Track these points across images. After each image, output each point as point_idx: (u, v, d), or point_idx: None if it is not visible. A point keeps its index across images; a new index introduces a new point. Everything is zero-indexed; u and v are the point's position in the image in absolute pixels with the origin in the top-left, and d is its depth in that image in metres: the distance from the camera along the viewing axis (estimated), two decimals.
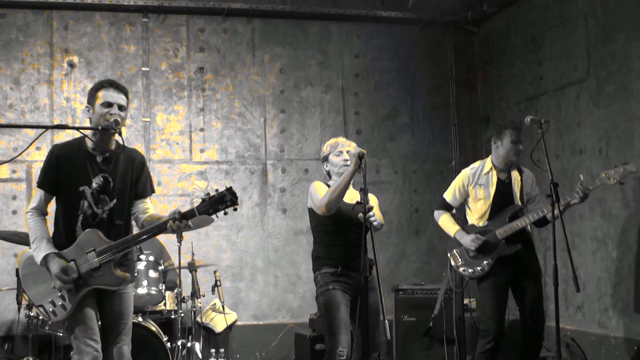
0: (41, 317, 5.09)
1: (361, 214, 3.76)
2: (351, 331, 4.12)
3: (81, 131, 3.67)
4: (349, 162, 4.12)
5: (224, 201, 3.46)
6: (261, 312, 6.68)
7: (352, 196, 4.19)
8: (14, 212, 6.23)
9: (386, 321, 3.58)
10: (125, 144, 3.66)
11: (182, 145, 6.66)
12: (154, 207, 3.86)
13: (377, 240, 3.84)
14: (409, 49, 7.21)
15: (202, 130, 6.71)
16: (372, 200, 4.28)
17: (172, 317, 5.47)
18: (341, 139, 4.35)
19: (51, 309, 3.63)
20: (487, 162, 4.90)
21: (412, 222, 7.06)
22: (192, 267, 5.50)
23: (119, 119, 3.60)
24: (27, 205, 3.83)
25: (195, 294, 5.45)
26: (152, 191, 3.87)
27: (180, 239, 5.27)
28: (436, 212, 5.08)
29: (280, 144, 6.87)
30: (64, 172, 3.64)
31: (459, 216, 5.11)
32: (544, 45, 6.23)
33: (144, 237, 3.58)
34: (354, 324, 4.11)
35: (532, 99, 6.41)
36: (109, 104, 3.62)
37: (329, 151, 4.31)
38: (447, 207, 5.03)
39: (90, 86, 3.84)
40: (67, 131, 5.96)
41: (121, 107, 3.66)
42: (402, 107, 7.17)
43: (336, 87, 7.04)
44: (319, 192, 4.17)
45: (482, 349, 4.74)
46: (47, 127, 4.01)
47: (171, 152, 6.64)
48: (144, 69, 6.64)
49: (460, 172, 5.06)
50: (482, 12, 6.99)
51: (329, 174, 4.35)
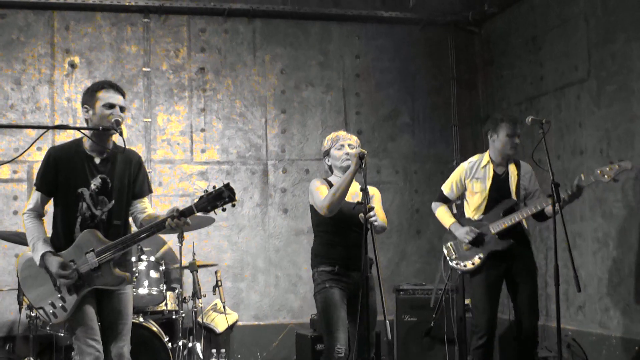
0: (39, 318, 5.09)
1: (362, 214, 3.75)
2: (349, 329, 4.12)
3: (82, 131, 3.68)
4: (350, 156, 4.07)
5: (222, 197, 3.45)
6: (262, 312, 6.68)
7: (354, 191, 4.13)
8: (15, 213, 6.23)
9: (387, 321, 3.57)
10: (125, 144, 3.67)
11: (183, 145, 6.67)
12: (154, 207, 3.87)
13: (377, 240, 3.83)
14: (410, 49, 7.21)
15: (203, 130, 6.71)
16: (375, 195, 4.27)
17: (173, 317, 5.48)
18: (342, 133, 4.30)
19: (51, 311, 3.63)
20: (485, 156, 4.89)
21: (412, 223, 7.07)
22: (193, 268, 5.49)
23: (120, 119, 3.63)
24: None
25: (196, 294, 5.45)
26: (150, 191, 3.89)
27: (181, 239, 5.28)
28: (434, 204, 5.09)
29: (281, 144, 6.87)
30: (62, 174, 3.65)
31: (459, 214, 5.10)
32: (545, 45, 6.23)
33: (143, 235, 3.58)
34: (351, 322, 4.12)
35: (532, 99, 6.41)
36: (111, 105, 3.64)
37: (330, 145, 4.27)
38: (444, 200, 5.04)
39: None
40: (68, 131, 5.97)
41: (122, 109, 3.69)
42: (403, 108, 7.17)
43: (337, 87, 7.04)
44: (320, 192, 4.15)
45: (475, 344, 4.74)
46: (48, 128, 4.02)
47: (172, 153, 6.64)
48: (145, 69, 6.64)
49: None
50: (482, 12, 6.99)
51: (330, 168, 4.32)
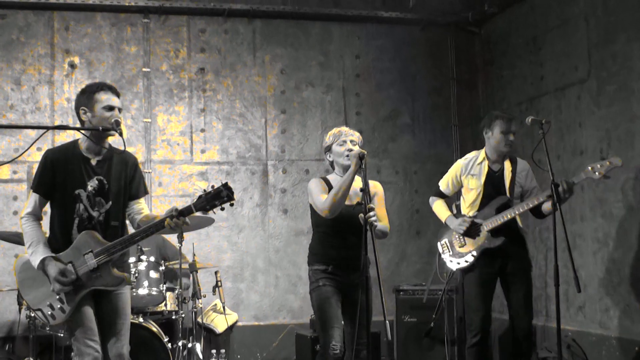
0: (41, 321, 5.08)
1: (362, 214, 3.74)
2: (344, 328, 4.12)
3: (82, 132, 3.71)
4: (350, 157, 4.02)
5: (221, 197, 3.47)
6: (262, 312, 6.68)
7: (355, 185, 4.08)
8: (15, 213, 6.23)
9: (387, 322, 3.57)
10: (125, 145, 3.72)
11: (183, 146, 6.66)
12: (154, 207, 3.88)
13: (378, 240, 3.83)
14: (410, 49, 7.21)
15: (203, 130, 6.71)
16: (377, 193, 4.22)
17: (173, 317, 5.47)
18: (344, 128, 4.23)
19: (50, 313, 3.64)
20: (481, 153, 4.88)
21: (413, 223, 7.06)
22: (193, 268, 5.50)
23: (120, 120, 3.69)
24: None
25: (196, 295, 5.45)
26: (146, 192, 3.92)
27: (181, 239, 5.28)
28: (431, 199, 5.10)
29: (281, 145, 6.87)
30: (60, 176, 3.67)
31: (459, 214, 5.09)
32: (545, 45, 6.22)
33: (142, 235, 3.59)
34: (346, 321, 4.12)
35: (533, 100, 6.40)
36: (110, 108, 3.69)
37: (332, 141, 4.21)
38: (441, 195, 5.05)
39: None
40: (68, 132, 5.97)
41: (120, 110, 3.75)
42: (403, 108, 7.16)
43: (337, 87, 7.03)
44: (319, 193, 4.11)
45: (469, 342, 4.73)
46: (48, 128, 4.02)
47: (172, 153, 6.64)
48: (144, 69, 6.64)
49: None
50: (483, 12, 6.98)
51: (332, 164, 4.26)
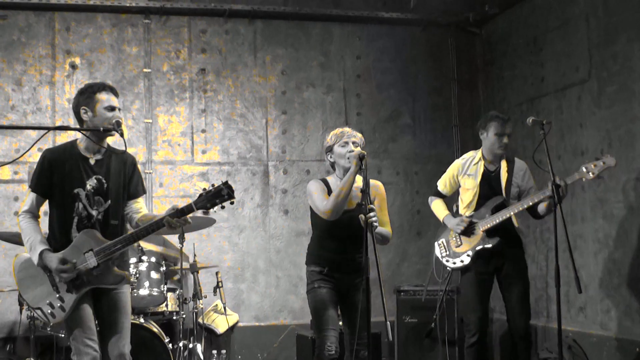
0: (40, 320, 5.08)
1: (362, 215, 3.74)
2: (341, 329, 4.12)
3: (82, 132, 3.73)
4: (350, 158, 3.97)
5: (221, 195, 3.51)
6: (263, 313, 6.68)
7: (355, 186, 4.04)
8: (16, 214, 6.20)
9: (387, 322, 3.57)
10: (126, 145, 3.74)
11: (183, 146, 6.66)
12: (155, 208, 3.89)
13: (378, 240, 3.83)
14: (411, 50, 7.21)
15: (203, 131, 6.71)
16: (378, 195, 4.18)
17: (174, 318, 5.48)
18: (346, 129, 4.16)
19: (49, 311, 3.65)
20: (478, 153, 4.90)
21: (413, 224, 7.06)
22: (194, 268, 5.50)
23: (121, 120, 3.72)
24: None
25: (196, 295, 5.46)
26: (144, 192, 3.95)
27: (182, 239, 5.28)
28: (430, 198, 5.15)
29: (281, 145, 6.87)
30: (58, 176, 3.69)
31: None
32: (546, 46, 6.22)
33: (142, 233, 3.61)
34: (345, 323, 4.11)
35: (533, 100, 6.40)
36: (112, 108, 3.73)
37: (333, 141, 4.13)
38: (439, 195, 5.09)
39: None
40: (69, 132, 5.97)
41: (119, 110, 3.78)
42: (404, 108, 7.16)
43: (338, 88, 7.03)
44: (321, 195, 4.07)
45: (468, 343, 4.74)
46: (49, 129, 4.01)
47: (173, 154, 6.64)
48: (145, 70, 6.64)
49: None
50: (483, 13, 6.98)
51: (332, 165, 4.20)
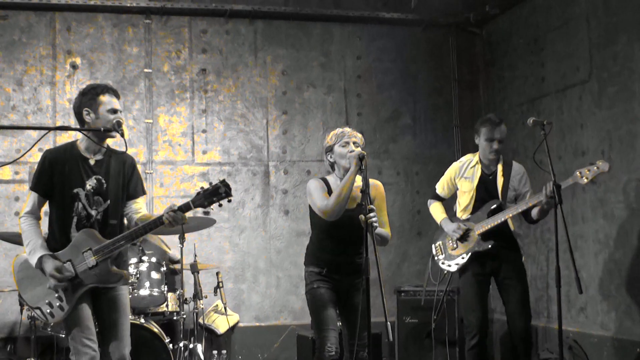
0: (39, 320, 5.09)
1: (362, 215, 3.73)
2: (340, 330, 4.12)
3: (83, 133, 3.76)
4: (350, 158, 3.94)
5: (219, 193, 3.53)
6: (263, 313, 6.68)
7: (355, 186, 4.03)
8: (17, 214, 6.23)
9: (388, 323, 3.57)
10: (127, 145, 3.79)
11: (184, 146, 6.67)
12: (156, 208, 3.90)
13: (378, 240, 3.83)
14: (411, 50, 7.21)
15: (204, 131, 6.71)
16: (378, 195, 4.16)
17: (174, 318, 5.47)
18: (347, 129, 4.13)
19: (48, 311, 3.67)
20: (476, 156, 4.90)
21: (414, 224, 7.06)
22: (195, 269, 5.50)
23: (122, 121, 3.77)
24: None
25: (197, 296, 5.45)
26: (144, 192, 3.96)
27: (182, 240, 5.28)
28: (429, 201, 5.17)
29: (282, 146, 6.87)
30: (58, 176, 3.72)
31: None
32: (546, 46, 6.22)
33: (141, 232, 3.64)
34: (344, 324, 4.11)
35: (534, 101, 6.40)
36: (114, 110, 3.77)
37: (334, 141, 4.10)
38: (437, 198, 5.11)
39: None
40: (70, 132, 5.98)
41: (121, 112, 3.83)
42: (404, 109, 7.16)
43: (338, 88, 7.03)
44: (321, 195, 4.04)
45: (469, 345, 4.73)
46: (49, 129, 4.02)
47: (173, 154, 6.64)
48: (146, 70, 6.64)
49: None
50: (484, 13, 6.98)
51: (332, 166, 4.17)
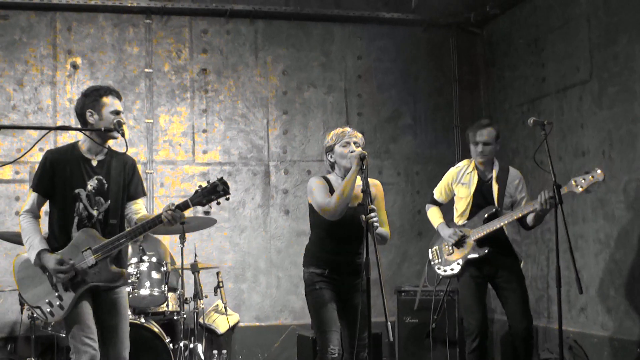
0: (39, 319, 5.10)
1: (363, 215, 3.73)
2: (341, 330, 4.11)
3: (85, 133, 3.79)
4: (351, 158, 3.93)
5: (217, 191, 3.56)
6: (263, 313, 6.68)
7: (355, 186, 4.02)
8: (17, 213, 6.22)
9: (388, 323, 3.57)
10: (127, 145, 3.81)
11: (184, 146, 6.67)
12: (156, 208, 3.92)
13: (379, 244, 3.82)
14: (412, 50, 7.21)
15: (204, 131, 6.72)
16: (377, 195, 4.15)
17: (175, 318, 5.48)
18: (347, 129, 4.11)
19: (48, 310, 3.69)
20: (472, 162, 4.90)
21: (414, 224, 7.06)
22: (195, 269, 5.50)
23: (122, 121, 3.81)
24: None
25: (197, 295, 5.46)
26: (144, 193, 4.00)
27: (183, 239, 5.28)
28: (427, 206, 5.19)
29: (282, 146, 6.87)
30: (59, 176, 3.75)
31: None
32: (547, 46, 6.22)
33: (140, 230, 3.66)
34: (342, 323, 4.10)
35: (534, 101, 6.40)
36: (117, 112, 3.81)
37: (335, 141, 4.09)
38: (435, 203, 5.12)
39: None
40: (71, 132, 5.98)
41: (122, 114, 3.87)
42: (405, 109, 7.16)
43: (339, 88, 7.04)
44: (323, 194, 4.03)
45: (469, 348, 4.73)
46: (50, 129, 4.04)
47: (174, 154, 6.64)
48: (146, 70, 6.65)
49: None
50: (484, 13, 6.98)
51: (332, 165, 4.16)
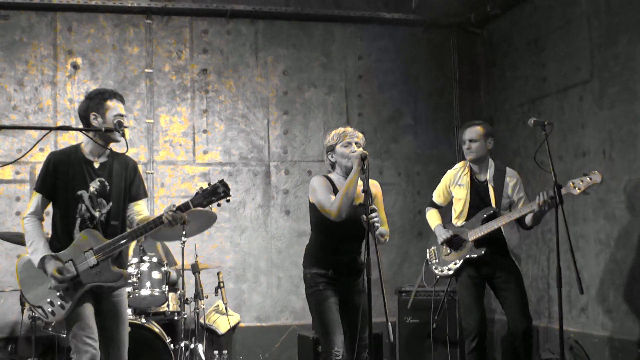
0: (41, 319, 5.10)
1: (364, 215, 3.73)
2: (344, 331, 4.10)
3: (87, 135, 3.82)
4: (352, 158, 3.92)
5: (217, 193, 3.58)
6: (264, 313, 6.68)
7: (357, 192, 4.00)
8: (18, 214, 6.23)
9: (389, 323, 3.57)
10: (128, 146, 3.82)
11: (185, 146, 6.67)
12: (157, 208, 3.92)
13: (379, 243, 3.82)
14: (412, 50, 7.21)
15: (205, 131, 6.72)
16: (377, 195, 4.15)
17: (175, 318, 5.48)
18: (349, 129, 4.10)
19: (50, 309, 3.72)
20: (468, 163, 4.92)
21: (415, 224, 7.06)
22: (196, 269, 5.50)
23: (123, 121, 3.84)
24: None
25: (198, 296, 5.46)
26: (145, 195, 4.02)
27: (183, 240, 5.28)
28: (426, 208, 5.23)
29: (283, 146, 6.87)
30: (62, 178, 3.78)
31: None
32: (548, 47, 6.22)
33: (141, 231, 3.69)
34: (344, 324, 4.08)
35: (535, 101, 6.40)
36: (120, 116, 3.85)
37: (336, 141, 4.08)
38: (434, 206, 5.16)
39: (93, 87, 3.95)
40: (71, 132, 5.98)
41: (125, 117, 3.91)
42: (405, 109, 7.16)
43: (339, 88, 7.04)
44: (327, 193, 4.00)
45: (469, 348, 4.73)
46: (50, 129, 4.04)
47: (174, 154, 6.64)
48: (147, 70, 6.65)
49: None
50: (485, 13, 6.97)
51: (332, 165, 4.15)
